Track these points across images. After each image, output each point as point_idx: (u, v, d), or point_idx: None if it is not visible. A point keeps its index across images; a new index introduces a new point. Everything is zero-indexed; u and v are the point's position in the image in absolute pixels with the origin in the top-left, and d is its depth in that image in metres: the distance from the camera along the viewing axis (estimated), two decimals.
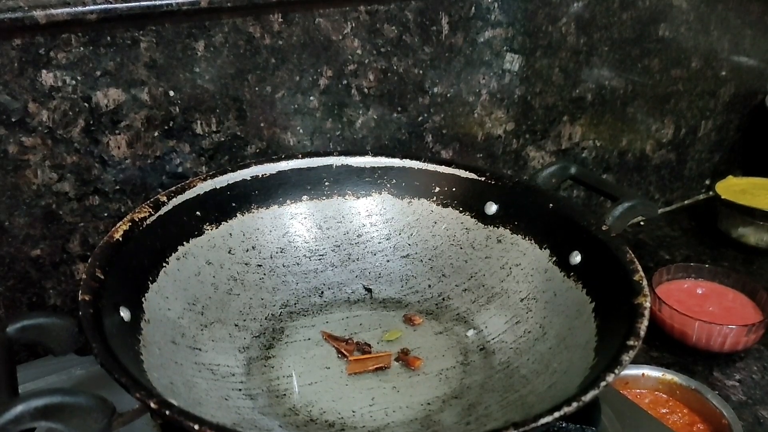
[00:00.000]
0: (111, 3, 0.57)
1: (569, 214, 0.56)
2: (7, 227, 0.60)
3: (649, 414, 0.57)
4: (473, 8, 0.77)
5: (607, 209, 0.56)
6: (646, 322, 0.43)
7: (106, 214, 0.65)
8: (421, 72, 0.77)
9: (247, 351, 0.54)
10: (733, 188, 1.01)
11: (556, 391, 0.45)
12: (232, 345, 0.54)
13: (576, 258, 0.54)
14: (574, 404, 0.37)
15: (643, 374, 0.70)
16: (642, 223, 1.06)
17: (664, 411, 0.68)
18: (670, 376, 0.69)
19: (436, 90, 0.79)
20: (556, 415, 0.36)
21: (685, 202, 1.14)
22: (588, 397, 0.37)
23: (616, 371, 0.39)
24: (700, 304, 0.81)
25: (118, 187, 0.65)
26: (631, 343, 0.41)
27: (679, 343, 0.77)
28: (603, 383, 0.38)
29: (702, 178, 1.14)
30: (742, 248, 0.99)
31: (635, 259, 0.49)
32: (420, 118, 0.79)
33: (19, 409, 0.34)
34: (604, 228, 0.53)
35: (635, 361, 0.66)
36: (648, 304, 0.44)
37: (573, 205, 0.57)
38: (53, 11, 0.55)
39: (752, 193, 1.00)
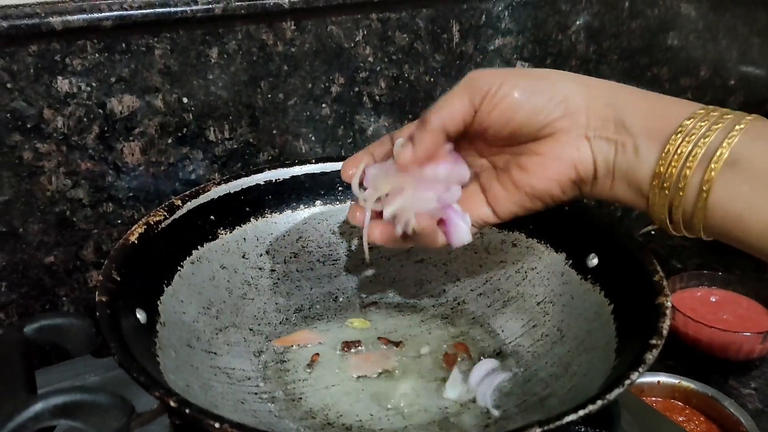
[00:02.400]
0: (126, 10, 0.58)
1: (585, 217, 0.56)
2: (21, 234, 0.60)
3: (668, 419, 0.56)
4: (483, 16, 0.77)
5: (624, 211, 0.55)
6: (668, 322, 0.42)
7: (119, 221, 0.65)
8: (432, 79, 0.77)
9: (262, 355, 0.53)
10: None
11: (577, 393, 0.44)
12: (247, 349, 0.53)
13: (593, 261, 0.53)
14: (599, 402, 0.36)
15: (658, 381, 0.69)
16: (653, 232, 1.05)
17: (681, 419, 0.67)
18: (686, 383, 0.69)
19: None
20: (581, 413, 0.36)
21: None
22: (613, 395, 0.37)
23: (640, 369, 0.39)
24: (714, 311, 0.80)
25: (131, 194, 0.65)
26: (654, 342, 0.41)
27: (694, 351, 0.77)
28: (627, 381, 0.38)
29: None
30: (754, 257, 0.98)
31: (654, 260, 0.48)
32: None
33: (39, 406, 0.34)
34: (621, 230, 0.53)
35: (650, 369, 0.65)
36: (669, 304, 0.44)
37: (589, 208, 0.57)
38: (69, 18, 0.56)
39: None
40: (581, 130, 0.44)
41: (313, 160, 0.63)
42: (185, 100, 0.64)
